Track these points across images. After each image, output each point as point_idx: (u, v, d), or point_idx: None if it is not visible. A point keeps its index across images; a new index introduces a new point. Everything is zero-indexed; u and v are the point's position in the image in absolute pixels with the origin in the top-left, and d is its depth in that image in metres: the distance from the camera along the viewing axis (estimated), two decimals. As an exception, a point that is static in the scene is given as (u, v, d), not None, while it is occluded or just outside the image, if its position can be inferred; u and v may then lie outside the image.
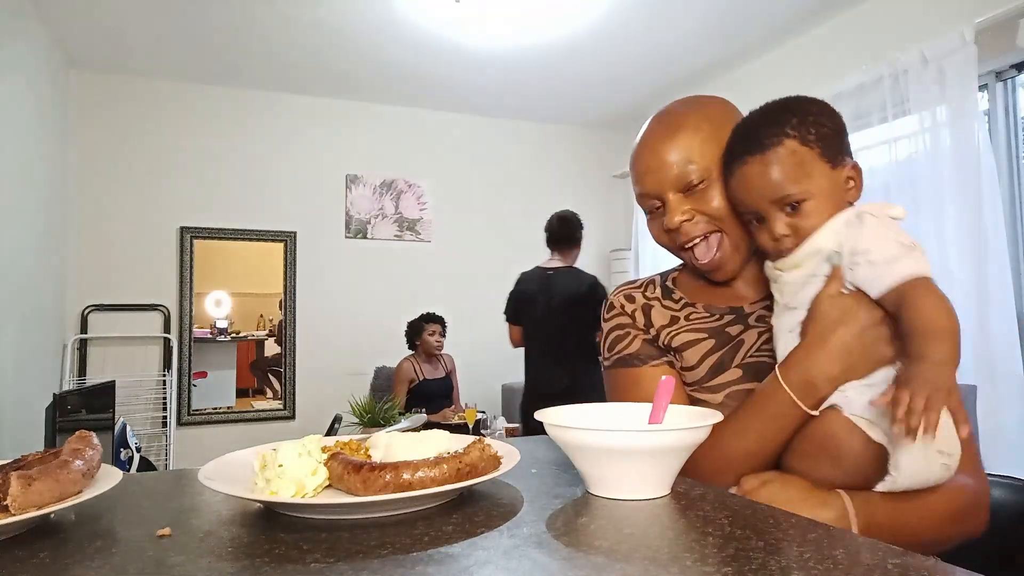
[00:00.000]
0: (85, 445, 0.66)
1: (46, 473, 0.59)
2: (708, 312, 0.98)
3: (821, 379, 0.78)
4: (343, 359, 4.46)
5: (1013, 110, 2.86)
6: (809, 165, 0.81)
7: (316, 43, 3.72)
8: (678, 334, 0.98)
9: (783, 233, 0.82)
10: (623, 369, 1.00)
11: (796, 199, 0.81)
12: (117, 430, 3.28)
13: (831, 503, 0.75)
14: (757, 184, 0.83)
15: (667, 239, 0.97)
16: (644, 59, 3.97)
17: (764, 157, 0.82)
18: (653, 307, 1.02)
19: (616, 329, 1.03)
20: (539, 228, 5.17)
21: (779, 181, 0.81)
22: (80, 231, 3.97)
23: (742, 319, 0.96)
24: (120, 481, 0.67)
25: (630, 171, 1.00)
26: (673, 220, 0.93)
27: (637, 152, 0.98)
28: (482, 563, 0.49)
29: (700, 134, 0.93)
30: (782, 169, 0.81)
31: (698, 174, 0.91)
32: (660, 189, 0.94)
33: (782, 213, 0.82)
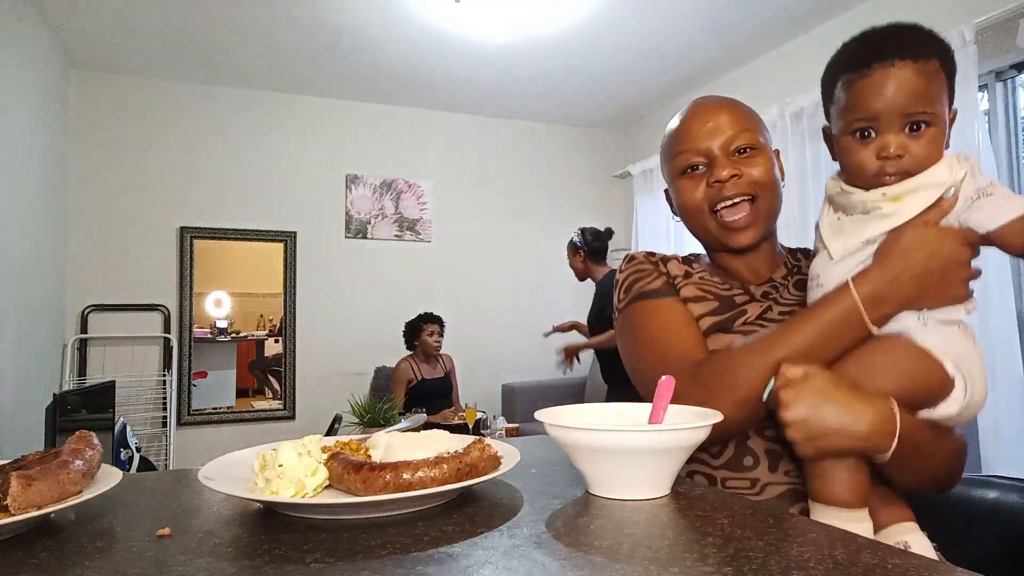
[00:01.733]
0: (85, 445, 0.66)
1: (46, 473, 0.59)
2: (720, 281, 1.02)
3: (892, 296, 0.77)
4: (343, 359, 4.46)
5: (1013, 110, 2.86)
6: (943, 92, 0.79)
7: (316, 43, 3.72)
8: (687, 286, 1.01)
9: (897, 151, 0.78)
10: (641, 303, 1.01)
11: (926, 119, 0.78)
12: (117, 430, 3.28)
13: (878, 406, 0.74)
14: (897, 90, 0.77)
15: (700, 198, 0.98)
16: (644, 59, 3.97)
17: (916, 65, 0.77)
18: (670, 261, 1.06)
19: (636, 272, 1.05)
20: (539, 228, 5.19)
21: (921, 95, 0.77)
22: (80, 231, 3.97)
23: (748, 293, 0.99)
24: (120, 481, 0.67)
25: (674, 135, 1.02)
26: (723, 173, 0.95)
27: (691, 114, 1.01)
28: (482, 563, 0.49)
29: (751, 112, 1.01)
30: (927, 85, 0.77)
31: (749, 140, 0.96)
32: (712, 146, 0.96)
33: (902, 131, 0.78)
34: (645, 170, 4.75)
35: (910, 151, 0.78)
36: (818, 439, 0.74)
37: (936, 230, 0.77)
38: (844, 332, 0.79)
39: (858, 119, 0.80)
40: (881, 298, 0.78)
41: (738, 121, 0.98)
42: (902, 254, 0.77)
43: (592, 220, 5.29)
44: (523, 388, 4.63)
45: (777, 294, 0.99)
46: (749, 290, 1.00)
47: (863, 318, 0.78)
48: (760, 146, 0.97)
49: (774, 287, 1.00)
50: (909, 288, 0.77)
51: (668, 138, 1.03)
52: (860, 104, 0.80)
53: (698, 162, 0.98)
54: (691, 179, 0.99)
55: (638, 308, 1.00)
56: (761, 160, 0.97)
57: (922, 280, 0.77)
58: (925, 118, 0.78)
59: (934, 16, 2.91)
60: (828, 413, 0.73)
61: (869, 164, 0.80)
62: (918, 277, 0.77)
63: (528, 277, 5.04)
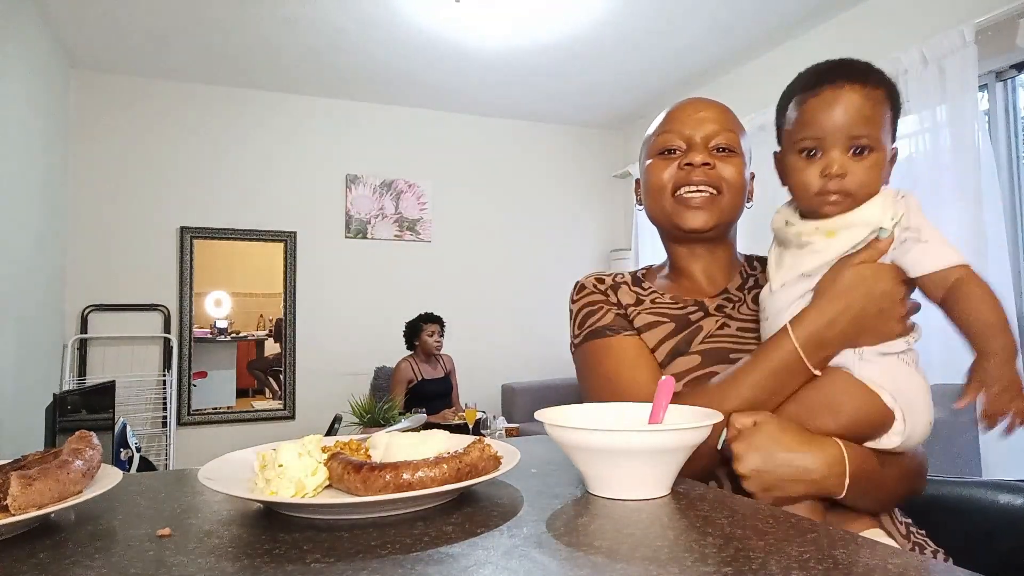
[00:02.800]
0: (85, 445, 0.66)
1: (46, 473, 0.59)
2: (673, 300, 1.02)
3: (831, 339, 0.79)
4: (343, 359, 4.46)
5: (1013, 110, 2.86)
6: (886, 124, 0.83)
7: (316, 43, 3.72)
8: (640, 314, 1.00)
9: (840, 171, 0.80)
10: (595, 341, 1.00)
11: (870, 144, 0.81)
12: (117, 430, 3.28)
13: (827, 449, 0.76)
14: (843, 112, 0.81)
15: (667, 179, 1.00)
16: (644, 59, 3.97)
17: (863, 89, 0.81)
18: (620, 288, 1.05)
19: (588, 306, 1.04)
20: (540, 228, 5.19)
21: (866, 118, 0.80)
22: (80, 231, 3.97)
23: (703, 308, 1.00)
24: (120, 481, 0.67)
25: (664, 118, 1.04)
26: (696, 158, 0.97)
27: (683, 103, 1.04)
28: (482, 563, 0.49)
29: (738, 121, 1.04)
30: (872, 110, 0.81)
31: (730, 140, 1.00)
32: (694, 133, 0.99)
33: (846, 152, 0.81)
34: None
35: (852, 173, 0.80)
36: (773, 488, 0.76)
37: (871, 269, 0.79)
38: (788, 378, 0.82)
39: (805, 137, 0.83)
40: (820, 342, 0.80)
41: (725, 121, 1.01)
42: (838, 295, 0.80)
43: (592, 220, 5.31)
44: (523, 388, 4.63)
45: (732, 307, 1.00)
46: (704, 304, 1.00)
47: (804, 363, 0.80)
48: (738, 151, 1.00)
49: (728, 299, 1.01)
50: (847, 329, 0.79)
51: (655, 123, 1.06)
52: (809, 122, 0.83)
53: (677, 145, 1.01)
54: (665, 159, 1.02)
55: (591, 347, 1.00)
56: (735, 163, 0.99)
57: (859, 321, 0.79)
58: (869, 143, 0.81)
59: (934, 16, 2.92)
60: (780, 462, 0.76)
61: (812, 182, 0.83)
62: (855, 318, 0.79)
63: (528, 277, 5.04)
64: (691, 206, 0.98)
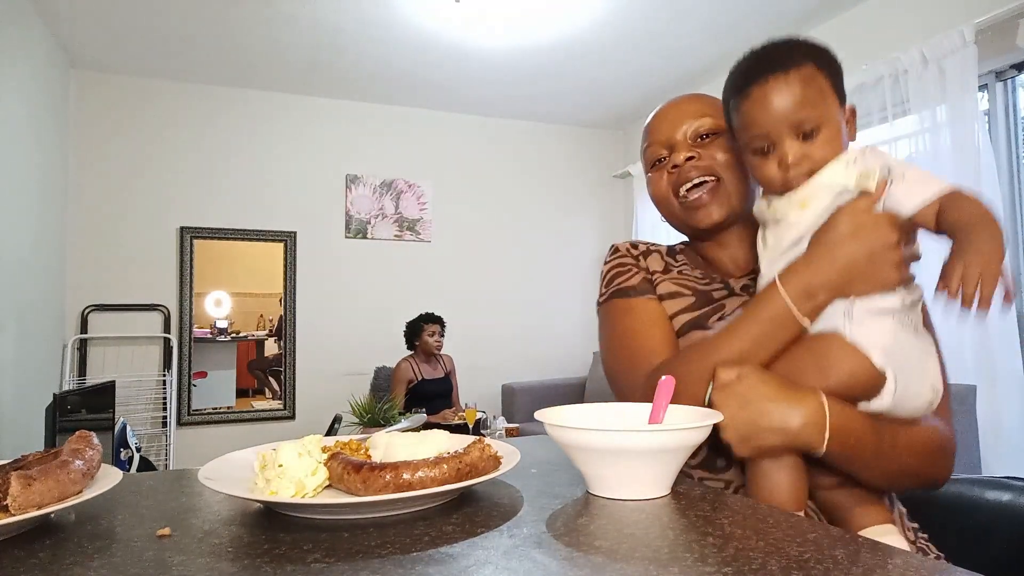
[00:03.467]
0: (85, 445, 0.66)
1: (46, 473, 0.59)
2: (701, 275, 1.01)
3: (819, 287, 0.78)
4: (343, 359, 4.46)
5: (1013, 110, 2.86)
6: (826, 93, 0.82)
7: (316, 43, 3.72)
8: (665, 282, 1.01)
9: (795, 160, 0.80)
10: (617, 300, 1.02)
11: (813, 125, 0.80)
12: (117, 430, 3.28)
13: (807, 401, 0.74)
14: (776, 104, 0.81)
15: (665, 184, 1.00)
16: (644, 59, 3.97)
17: (787, 76, 0.81)
18: (652, 255, 1.06)
19: (617, 267, 1.05)
20: (539, 228, 5.19)
21: (801, 102, 0.80)
22: (80, 231, 3.97)
23: (727, 288, 0.99)
24: (120, 481, 0.67)
25: (645, 131, 1.05)
26: (679, 158, 0.97)
27: (657, 111, 1.05)
28: (482, 563, 0.49)
29: (715, 100, 1.00)
30: (804, 91, 0.80)
31: (709, 127, 0.98)
32: (672, 135, 0.99)
33: (796, 140, 0.81)
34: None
35: (809, 156, 0.80)
36: (751, 439, 0.75)
37: (859, 218, 0.78)
38: (777, 330, 0.80)
39: (753, 137, 0.84)
40: (808, 290, 0.79)
41: (699, 108, 1.00)
42: (827, 244, 0.79)
43: (592, 220, 5.31)
44: (523, 388, 4.63)
45: (752, 286, 0.98)
46: (729, 284, 0.99)
47: (793, 313, 0.79)
48: (722, 131, 0.97)
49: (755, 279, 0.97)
50: (835, 276, 0.78)
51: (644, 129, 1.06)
52: (750, 124, 0.84)
53: (662, 154, 1.01)
54: (658, 170, 1.02)
55: (614, 305, 1.02)
56: (721, 142, 0.98)
57: (849, 268, 0.77)
58: (813, 123, 0.80)
59: (934, 16, 2.92)
60: (757, 412, 0.74)
61: (774, 176, 0.83)
62: (844, 265, 0.77)
63: (528, 277, 5.04)
64: (697, 205, 0.97)
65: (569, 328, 5.11)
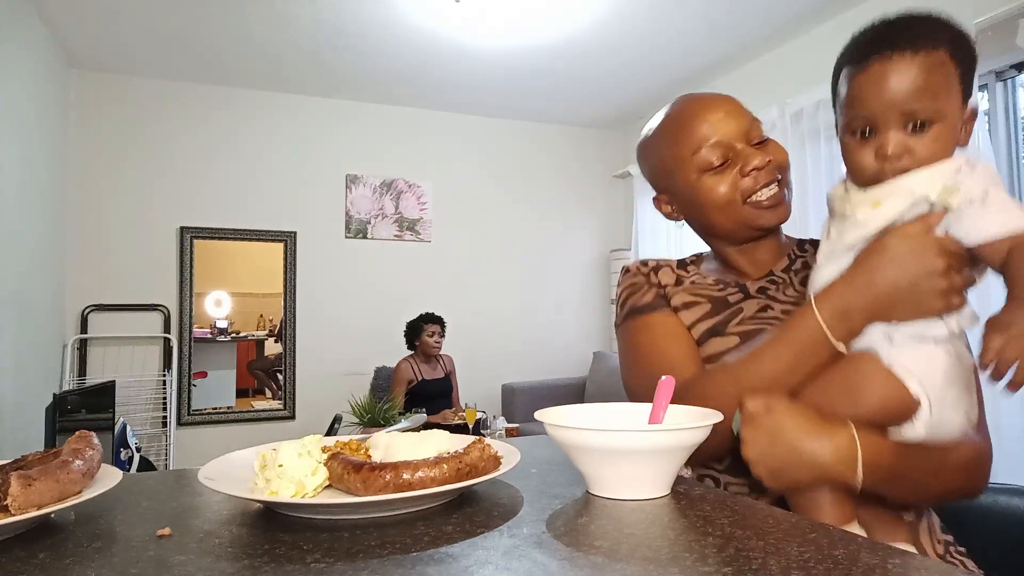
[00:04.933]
0: (85, 445, 0.66)
1: (46, 473, 0.59)
2: (714, 282, 1.00)
3: (857, 311, 0.74)
4: (343, 359, 4.46)
5: (1013, 110, 2.86)
6: (952, 86, 0.73)
7: (316, 43, 3.72)
8: (678, 294, 1.00)
9: (896, 152, 0.73)
10: (634, 319, 1.01)
11: (927, 117, 0.72)
12: (117, 430, 3.28)
13: (837, 435, 0.71)
14: (894, 85, 0.72)
15: (732, 191, 0.93)
16: (644, 59, 3.97)
17: (915, 57, 0.72)
18: (662, 269, 1.05)
19: (630, 288, 1.05)
20: (540, 228, 5.19)
21: (922, 88, 0.71)
22: (80, 231, 3.97)
23: (743, 291, 0.97)
24: (120, 481, 0.67)
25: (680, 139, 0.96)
26: (757, 161, 0.92)
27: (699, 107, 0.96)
28: (482, 563, 0.49)
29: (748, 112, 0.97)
30: (928, 78, 0.71)
31: (760, 131, 0.96)
32: (733, 137, 0.94)
33: (902, 130, 0.73)
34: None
35: (912, 151, 0.73)
36: (782, 475, 0.72)
37: (910, 237, 0.72)
38: (810, 354, 0.77)
39: (856, 117, 0.76)
40: (845, 313, 0.75)
41: (745, 112, 0.97)
42: (869, 267, 0.74)
43: (592, 220, 5.30)
44: (523, 388, 4.63)
45: (776, 289, 0.96)
46: (745, 287, 0.98)
47: (828, 337, 0.75)
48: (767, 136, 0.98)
49: (772, 281, 0.98)
50: (873, 301, 0.74)
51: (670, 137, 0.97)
52: (857, 101, 0.75)
53: (718, 157, 0.93)
54: (718, 174, 0.94)
55: (631, 325, 1.01)
56: (774, 144, 0.97)
57: (889, 294, 0.73)
58: (928, 115, 0.72)
59: (934, 16, 2.92)
60: (786, 448, 0.71)
61: (868, 165, 0.76)
62: (885, 291, 0.73)
63: (528, 277, 5.04)
64: (766, 206, 0.93)
65: (569, 328, 5.11)
